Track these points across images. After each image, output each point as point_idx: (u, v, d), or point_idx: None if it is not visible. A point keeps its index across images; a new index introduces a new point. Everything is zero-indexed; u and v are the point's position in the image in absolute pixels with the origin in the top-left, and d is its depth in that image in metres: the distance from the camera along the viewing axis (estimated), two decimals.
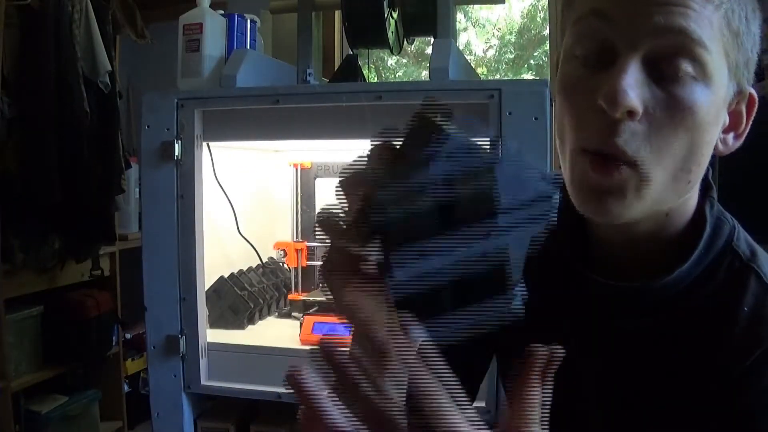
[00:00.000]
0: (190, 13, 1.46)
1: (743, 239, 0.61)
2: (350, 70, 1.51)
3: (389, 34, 1.47)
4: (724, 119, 0.57)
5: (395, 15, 1.50)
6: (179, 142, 1.35)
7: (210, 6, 1.47)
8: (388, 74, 3.63)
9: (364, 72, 1.58)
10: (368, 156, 0.42)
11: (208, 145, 1.43)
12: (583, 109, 0.54)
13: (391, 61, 3.55)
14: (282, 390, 1.34)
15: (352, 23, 1.45)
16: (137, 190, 2.63)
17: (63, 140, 2.09)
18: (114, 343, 2.53)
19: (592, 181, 0.54)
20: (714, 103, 0.53)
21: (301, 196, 1.69)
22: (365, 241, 0.40)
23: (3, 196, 2.04)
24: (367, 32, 1.46)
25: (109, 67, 2.22)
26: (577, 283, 0.64)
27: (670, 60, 0.51)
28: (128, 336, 2.78)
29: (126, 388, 2.69)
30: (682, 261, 0.59)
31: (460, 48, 1.46)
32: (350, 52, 1.56)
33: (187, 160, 1.35)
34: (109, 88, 2.25)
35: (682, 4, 0.50)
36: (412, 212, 0.37)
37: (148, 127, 1.37)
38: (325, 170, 1.69)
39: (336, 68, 1.58)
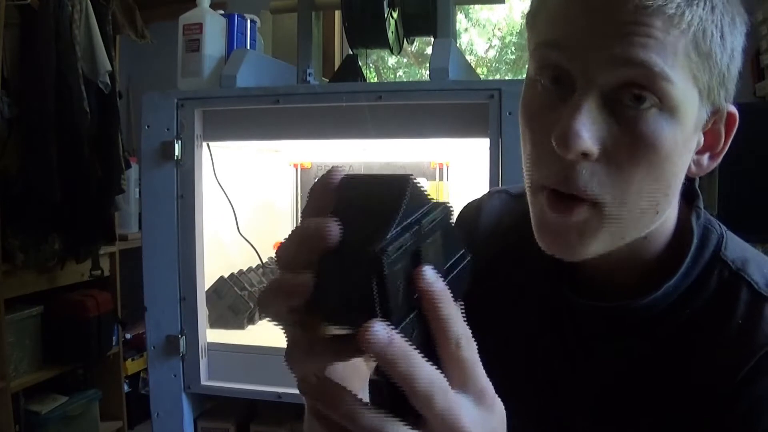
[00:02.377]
0: (190, 13, 1.46)
1: (732, 247, 0.59)
2: (350, 70, 1.51)
3: (389, 34, 1.47)
4: (699, 141, 0.54)
5: (395, 15, 1.50)
6: (179, 142, 1.35)
7: (210, 6, 1.47)
8: (388, 74, 3.63)
9: (364, 72, 1.58)
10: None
11: (208, 145, 1.43)
12: (541, 143, 0.51)
13: (392, 60, 3.55)
14: (282, 390, 1.34)
15: (352, 23, 1.45)
16: (137, 190, 2.63)
17: (63, 140, 2.09)
18: (114, 343, 2.53)
19: (550, 219, 0.52)
20: (681, 133, 0.50)
21: (301, 196, 1.69)
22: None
23: (3, 196, 2.04)
24: (367, 32, 1.46)
25: (109, 67, 2.22)
26: (558, 301, 0.63)
27: (629, 94, 0.48)
28: (128, 336, 2.78)
29: (126, 388, 2.69)
30: (669, 276, 0.56)
31: (462, 48, 1.46)
32: (350, 52, 1.56)
33: (187, 160, 1.35)
34: (109, 88, 2.25)
35: (643, 33, 0.47)
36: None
37: (148, 127, 1.37)
38: (325, 170, 1.69)
39: (336, 68, 1.58)
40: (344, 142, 1.57)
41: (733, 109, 0.55)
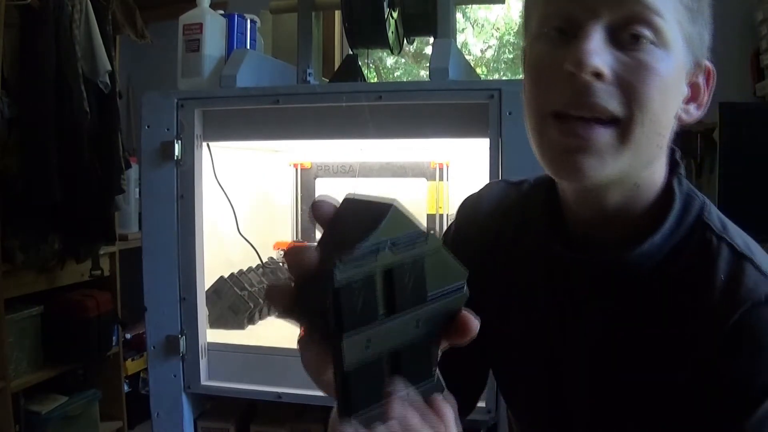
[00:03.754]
0: (190, 13, 1.46)
1: (713, 213, 0.63)
2: (350, 70, 1.51)
3: (389, 34, 1.47)
4: (685, 90, 0.60)
5: (395, 15, 1.50)
6: (179, 142, 1.35)
7: (210, 6, 1.47)
8: (386, 74, 3.63)
9: (364, 72, 1.58)
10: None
11: (208, 145, 1.43)
12: (553, 79, 0.56)
13: (390, 60, 3.55)
14: (282, 390, 1.34)
15: (352, 23, 1.45)
16: (137, 190, 2.63)
17: (63, 140, 2.09)
18: (114, 343, 2.53)
19: (568, 141, 0.55)
20: (674, 68, 0.56)
21: (301, 196, 1.69)
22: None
23: (3, 196, 2.04)
24: (367, 32, 1.46)
25: (109, 67, 2.21)
26: (554, 262, 0.66)
27: (629, 27, 0.54)
28: (128, 336, 2.78)
29: (126, 388, 2.69)
30: (654, 233, 0.60)
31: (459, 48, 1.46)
32: (350, 52, 1.56)
33: (187, 160, 1.35)
34: (109, 88, 2.25)
35: None
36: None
37: (148, 127, 1.37)
38: (325, 170, 1.69)
39: (336, 68, 1.58)
40: (344, 142, 1.57)
41: (710, 65, 0.62)
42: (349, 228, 0.41)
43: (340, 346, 0.38)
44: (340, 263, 0.37)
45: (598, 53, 0.53)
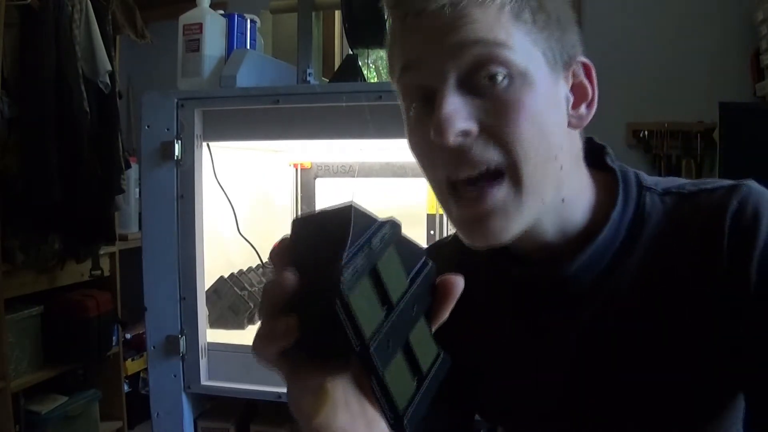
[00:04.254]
0: (190, 13, 1.46)
1: (646, 177, 0.65)
2: (350, 70, 1.51)
3: None
4: (567, 97, 0.59)
5: None
6: (179, 142, 1.35)
7: (210, 6, 1.47)
8: (387, 75, 3.64)
9: (364, 72, 1.58)
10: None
11: (208, 145, 1.43)
12: (430, 150, 0.55)
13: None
14: (282, 390, 1.34)
15: (352, 23, 1.45)
16: (137, 190, 2.63)
17: (63, 140, 2.09)
18: (114, 343, 2.53)
19: (468, 211, 0.55)
20: (540, 91, 0.55)
21: (301, 196, 1.69)
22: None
23: (3, 196, 2.04)
24: (367, 32, 1.46)
25: (109, 67, 2.22)
26: (510, 282, 0.66)
27: (480, 71, 0.53)
28: (128, 336, 2.78)
29: (126, 388, 2.69)
30: (607, 217, 0.61)
31: None
32: (350, 52, 1.56)
33: (187, 160, 1.35)
34: (109, 88, 2.25)
35: (466, 21, 0.53)
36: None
37: (148, 127, 1.37)
38: (325, 170, 1.69)
39: (336, 68, 1.57)
40: (344, 142, 1.57)
41: (586, 60, 0.60)
42: (317, 243, 0.40)
43: (370, 356, 0.37)
44: (343, 276, 0.36)
45: (456, 115, 0.52)
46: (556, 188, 0.58)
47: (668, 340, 0.59)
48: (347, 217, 0.39)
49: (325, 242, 0.39)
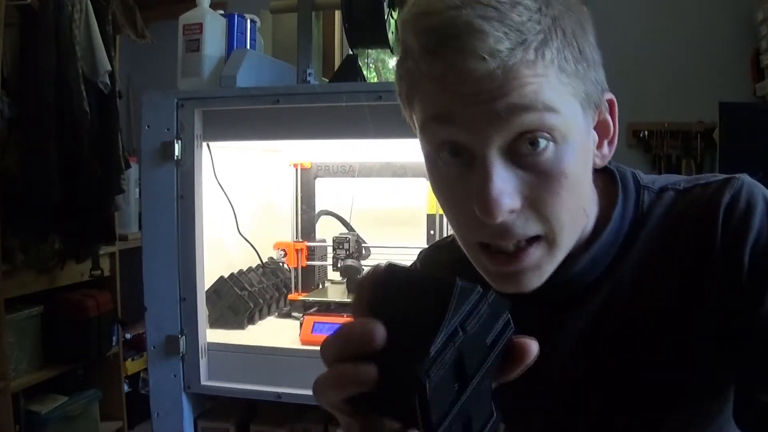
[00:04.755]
0: (190, 13, 1.46)
1: (643, 176, 0.66)
2: (350, 70, 1.51)
3: (389, 34, 1.46)
4: (594, 138, 0.59)
5: (395, 15, 1.50)
6: (179, 142, 1.35)
7: (210, 6, 1.47)
8: (387, 76, 3.64)
9: (364, 72, 1.58)
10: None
11: (208, 145, 1.43)
12: (466, 210, 0.54)
13: (392, 62, 3.55)
14: (282, 390, 1.34)
15: (352, 23, 1.45)
16: (137, 190, 2.63)
17: (63, 140, 2.09)
18: (114, 343, 2.53)
19: (503, 269, 0.55)
20: (580, 150, 0.55)
21: (301, 196, 1.68)
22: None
23: (3, 196, 2.04)
24: (367, 32, 1.46)
25: (109, 67, 2.21)
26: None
27: (524, 143, 0.51)
28: (128, 336, 2.78)
29: (126, 388, 2.69)
30: (608, 217, 0.62)
31: None
32: (350, 52, 1.56)
33: (187, 160, 1.35)
34: (109, 88, 2.25)
35: (516, 85, 0.49)
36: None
37: (148, 127, 1.37)
38: (325, 170, 1.69)
39: (336, 68, 1.57)
40: (344, 142, 1.57)
41: (611, 96, 0.60)
42: (409, 306, 0.38)
43: None
44: (427, 370, 0.35)
45: (504, 191, 0.51)
46: (581, 231, 0.60)
47: (668, 335, 0.60)
48: (447, 295, 0.37)
49: (418, 311, 0.38)
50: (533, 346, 0.42)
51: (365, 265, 1.61)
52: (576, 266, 0.61)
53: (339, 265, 1.60)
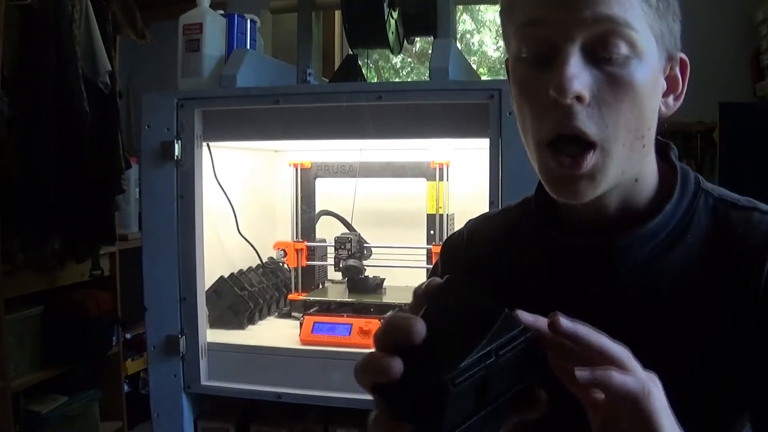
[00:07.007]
0: (190, 13, 1.46)
1: (706, 182, 0.69)
2: (350, 70, 1.51)
3: (389, 34, 1.47)
4: (662, 85, 0.63)
5: (395, 15, 1.50)
6: (179, 142, 1.35)
7: (210, 6, 1.47)
8: (391, 74, 3.64)
9: (364, 72, 1.58)
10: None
11: (208, 145, 1.43)
12: (539, 105, 0.59)
13: (397, 61, 3.55)
14: (282, 390, 1.34)
15: (352, 23, 1.45)
16: (137, 190, 2.63)
17: (63, 140, 2.09)
18: (114, 343, 2.53)
19: (561, 173, 0.59)
20: (650, 73, 0.59)
21: (301, 196, 1.69)
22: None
23: (3, 196, 2.04)
24: (367, 32, 1.46)
25: (109, 67, 2.21)
26: (554, 251, 0.69)
27: (604, 45, 0.57)
28: (128, 336, 2.78)
29: (126, 388, 2.69)
30: (660, 211, 0.64)
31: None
32: (350, 52, 1.56)
33: (187, 160, 1.35)
34: (109, 88, 2.25)
35: None
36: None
37: (148, 127, 1.37)
38: (325, 170, 1.69)
39: (336, 68, 1.58)
40: (344, 142, 1.57)
41: (683, 56, 0.65)
42: (456, 319, 0.42)
43: None
44: (453, 378, 0.38)
45: (578, 77, 0.56)
46: (635, 165, 0.63)
47: (694, 340, 0.61)
48: (492, 319, 0.41)
49: (462, 326, 0.41)
50: (543, 402, 0.45)
51: (367, 265, 1.61)
52: (620, 240, 0.63)
53: (341, 265, 1.60)
